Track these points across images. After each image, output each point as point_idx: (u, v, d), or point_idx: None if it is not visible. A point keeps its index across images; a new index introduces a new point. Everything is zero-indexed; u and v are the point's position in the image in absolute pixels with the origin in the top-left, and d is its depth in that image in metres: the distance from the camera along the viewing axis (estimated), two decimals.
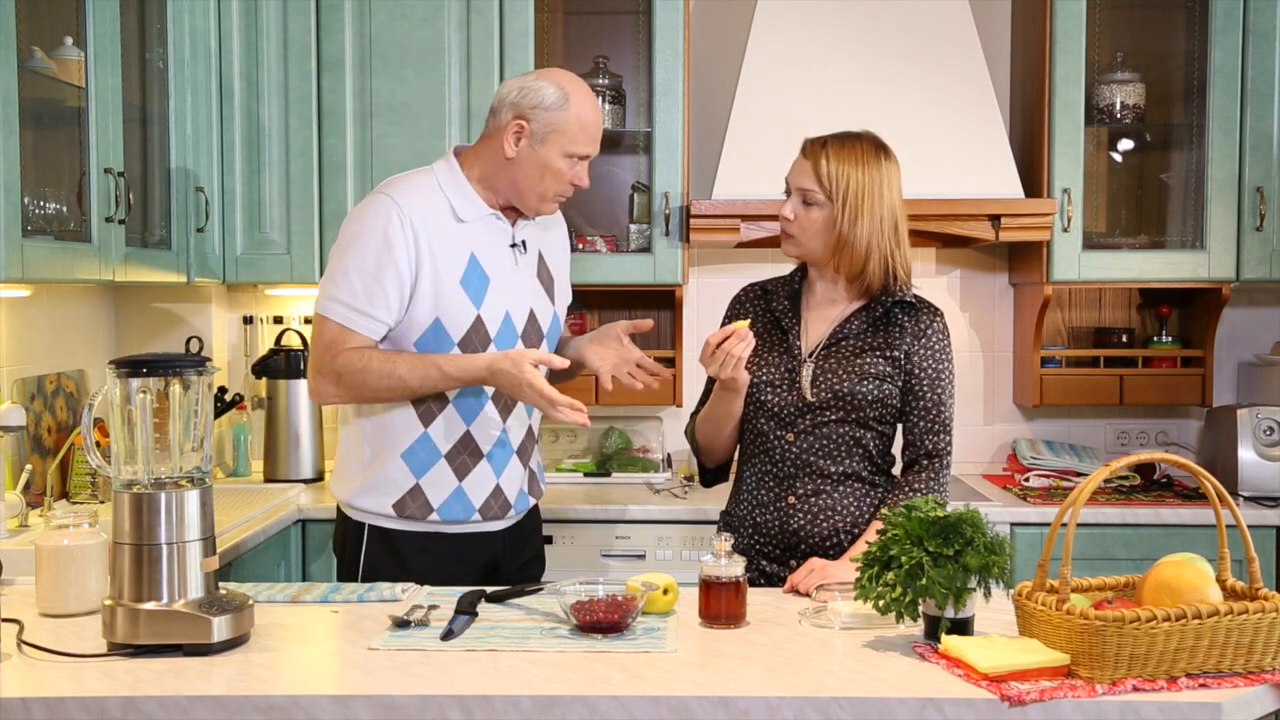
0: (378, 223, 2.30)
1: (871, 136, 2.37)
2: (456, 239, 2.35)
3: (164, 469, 1.90)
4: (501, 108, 2.36)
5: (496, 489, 2.43)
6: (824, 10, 3.51)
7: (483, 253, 2.37)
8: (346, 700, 1.66)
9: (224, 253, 3.44)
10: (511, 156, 2.34)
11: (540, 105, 2.32)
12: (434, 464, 2.38)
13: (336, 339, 2.30)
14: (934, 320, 2.39)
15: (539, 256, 2.50)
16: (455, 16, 3.43)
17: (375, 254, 2.28)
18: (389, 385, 2.28)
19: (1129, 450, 3.85)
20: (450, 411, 2.37)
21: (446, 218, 2.35)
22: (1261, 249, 3.46)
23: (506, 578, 2.46)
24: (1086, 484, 1.72)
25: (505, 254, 2.41)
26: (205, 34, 3.33)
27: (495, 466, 2.42)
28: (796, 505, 2.36)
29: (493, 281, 2.37)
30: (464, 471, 2.39)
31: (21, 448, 2.92)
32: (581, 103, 2.35)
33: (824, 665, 1.79)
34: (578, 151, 2.35)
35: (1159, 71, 3.66)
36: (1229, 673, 1.71)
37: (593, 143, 2.37)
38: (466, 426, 2.38)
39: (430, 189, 2.37)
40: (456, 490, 2.39)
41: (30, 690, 1.68)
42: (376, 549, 2.42)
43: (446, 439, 2.38)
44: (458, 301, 2.33)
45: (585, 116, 2.35)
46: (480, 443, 2.40)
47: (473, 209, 2.38)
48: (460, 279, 2.33)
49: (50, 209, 2.65)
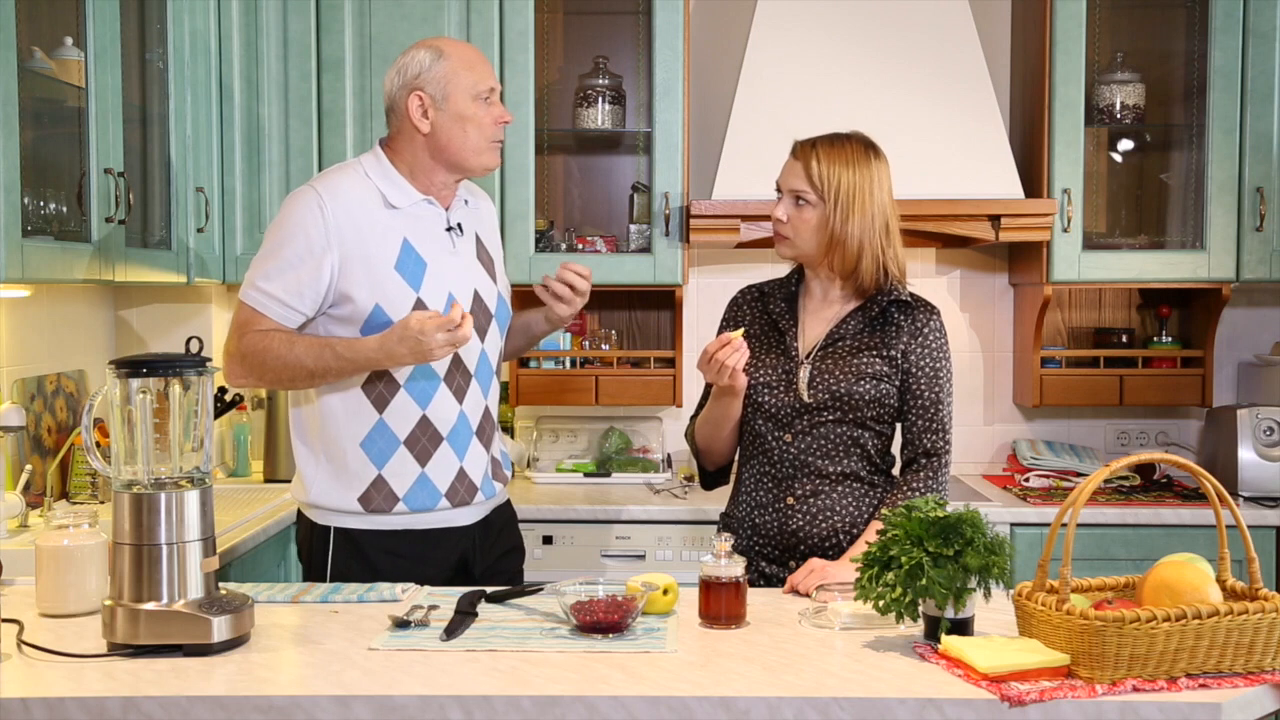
0: (298, 213, 2.33)
1: (860, 136, 2.38)
2: (386, 225, 2.35)
3: (164, 469, 1.90)
4: (393, 97, 2.40)
5: (460, 472, 2.40)
6: (824, 10, 3.51)
7: (417, 238, 2.37)
8: (346, 700, 1.66)
9: (224, 253, 3.44)
10: (428, 130, 2.36)
11: (423, 71, 2.36)
12: (394, 451, 2.36)
13: (247, 321, 2.33)
14: (930, 319, 2.39)
15: (476, 239, 2.50)
16: (455, 16, 3.43)
17: (293, 243, 2.31)
18: (287, 365, 2.28)
19: (1129, 450, 3.85)
20: (403, 395, 2.35)
21: (375, 206, 2.36)
22: (1261, 249, 3.46)
23: (480, 575, 2.45)
24: (1086, 484, 1.72)
25: (441, 238, 2.41)
26: (205, 34, 3.33)
27: (457, 449, 2.40)
28: (795, 506, 2.36)
29: (430, 265, 2.37)
30: (425, 457, 2.37)
31: (21, 448, 2.92)
32: (456, 48, 2.40)
33: (824, 665, 1.79)
34: (481, 89, 2.37)
35: (1159, 72, 3.66)
36: (1229, 673, 1.71)
37: (488, 75, 2.40)
38: (422, 410, 2.36)
39: (357, 179, 2.39)
40: (420, 477, 2.37)
41: (30, 690, 1.68)
42: (343, 554, 2.38)
43: (403, 425, 2.36)
44: (394, 286, 2.32)
45: (467, 56, 2.39)
46: (438, 426, 2.37)
47: (403, 195, 2.39)
48: (395, 264, 2.34)
49: (50, 209, 2.65)
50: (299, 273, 2.30)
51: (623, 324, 3.87)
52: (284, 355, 2.27)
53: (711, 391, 2.43)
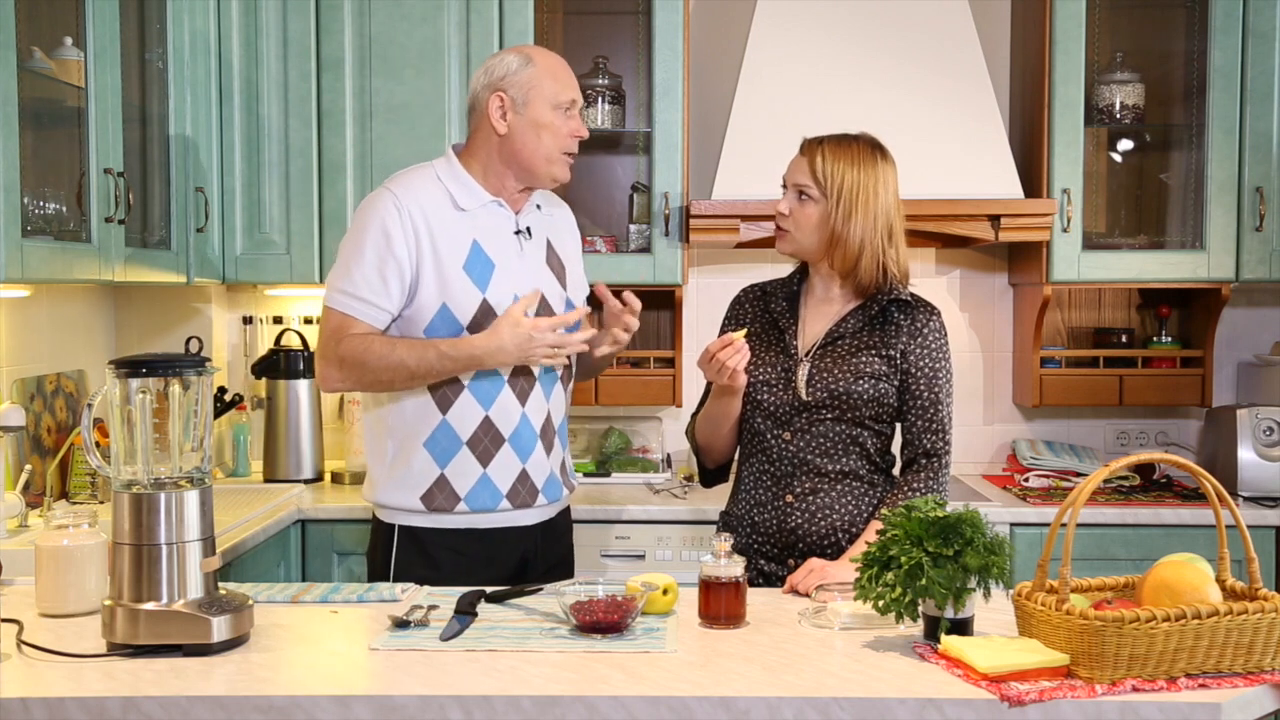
0: (377, 214, 2.37)
1: (869, 138, 2.40)
2: (458, 227, 2.39)
3: (164, 469, 1.90)
4: (477, 95, 2.44)
5: (523, 474, 2.43)
6: (824, 10, 3.51)
7: (485, 239, 2.41)
8: (346, 700, 1.66)
9: (224, 253, 3.44)
10: (504, 132, 2.40)
11: (509, 74, 2.39)
12: (457, 452, 2.38)
13: (340, 326, 2.35)
14: (930, 319, 2.39)
15: (548, 244, 2.53)
16: (455, 16, 3.43)
17: (374, 244, 2.34)
18: (389, 366, 2.31)
19: (1129, 450, 3.85)
20: (466, 396, 2.38)
21: (446, 207, 2.40)
22: (1261, 249, 3.46)
23: (539, 578, 2.44)
24: (1086, 484, 1.72)
25: (510, 240, 2.44)
26: (205, 34, 3.33)
27: (519, 451, 2.42)
28: (794, 504, 2.36)
29: (498, 267, 2.40)
30: (487, 458, 2.40)
31: (21, 448, 2.92)
32: (544, 57, 2.43)
33: (824, 665, 1.79)
34: (562, 99, 2.40)
35: (1159, 71, 3.66)
36: (1229, 673, 1.71)
37: (571, 87, 2.43)
38: (485, 411, 2.38)
39: (429, 180, 2.42)
40: (482, 477, 2.39)
41: (30, 690, 1.68)
42: (406, 552, 2.42)
43: (466, 425, 2.38)
44: (463, 287, 2.36)
45: (553, 66, 2.42)
46: (500, 427, 2.40)
47: (472, 197, 2.42)
48: (463, 265, 2.37)
49: (50, 209, 2.65)
50: (384, 273, 2.34)
51: None
52: (386, 356, 2.31)
53: (711, 390, 2.43)
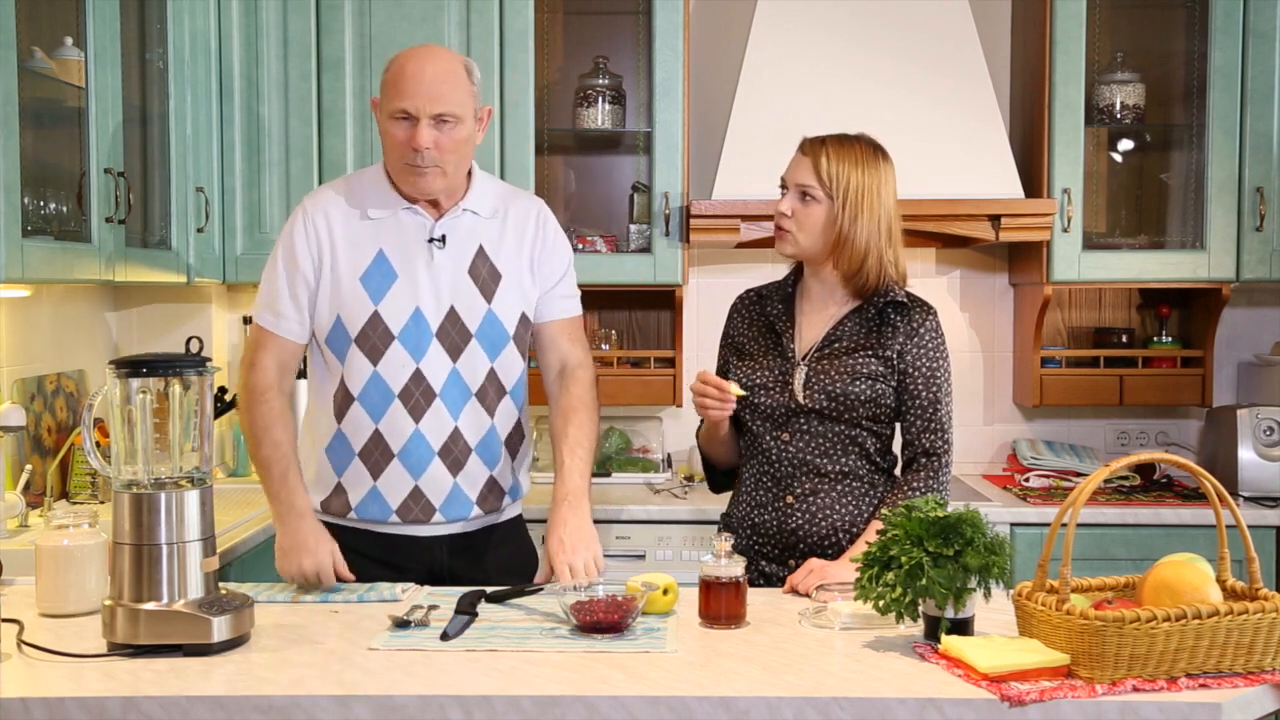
0: (288, 229, 2.38)
1: (868, 139, 2.39)
2: (364, 236, 2.34)
3: (164, 469, 1.90)
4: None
5: (415, 491, 2.36)
6: (824, 10, 3.51)
7: (392, 249, 2.33)
8: (346, 700, 1.66)
9: (224, 253, 3.44)
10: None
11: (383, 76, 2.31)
12: (350, 462, 2.36)
13: (256, 339, 2.38)
14: (927, 318, 2.38)
15: (478, 251, 2.37)
16: (455, 16, 3.43)
17: (284, 258, 2.36)
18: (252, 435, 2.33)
19: (1129, 450, 3.85)
20: (357, 409, 2.34)
21: (354, 217, 2.35)
22: (1261, 249, 3.46)
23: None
24: (1086, 484, 1.72)
25: (420, 248, 2.34)
26: (205, 34, 3.33)
27: (411, 468, 2.35)
28: (794, 505, 2.36)
29: (400, 278, 2.32)
30: (378, 470, 2.36)
31: (21, 448, 2.92)
32: (400, 61, 2.27)
33: (824, 665, 1.79)
34: (394, 108, 2.24)
35: (1159, 72, 3.66)
36: (1229, 673, 1.71)
37: (405, 95, 2.22)
38: (375, 425, 2.34)
39: (346, 189, 2.38)
40: (372, 490, 2.36)
41: (30, 690, 1.68)
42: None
43: (359, 437, 2.35)
44: (355, 298, 2.32)
45: (398, 72, 2.25)
46: (390, 442, 2.34)
47: (383, 205, 2.35)
48: (361, 276, 2.32)
49: (50, 209, 2.65)
50: (293, 288, 2.34)
51: (623, 324, 3.87)
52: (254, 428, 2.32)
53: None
